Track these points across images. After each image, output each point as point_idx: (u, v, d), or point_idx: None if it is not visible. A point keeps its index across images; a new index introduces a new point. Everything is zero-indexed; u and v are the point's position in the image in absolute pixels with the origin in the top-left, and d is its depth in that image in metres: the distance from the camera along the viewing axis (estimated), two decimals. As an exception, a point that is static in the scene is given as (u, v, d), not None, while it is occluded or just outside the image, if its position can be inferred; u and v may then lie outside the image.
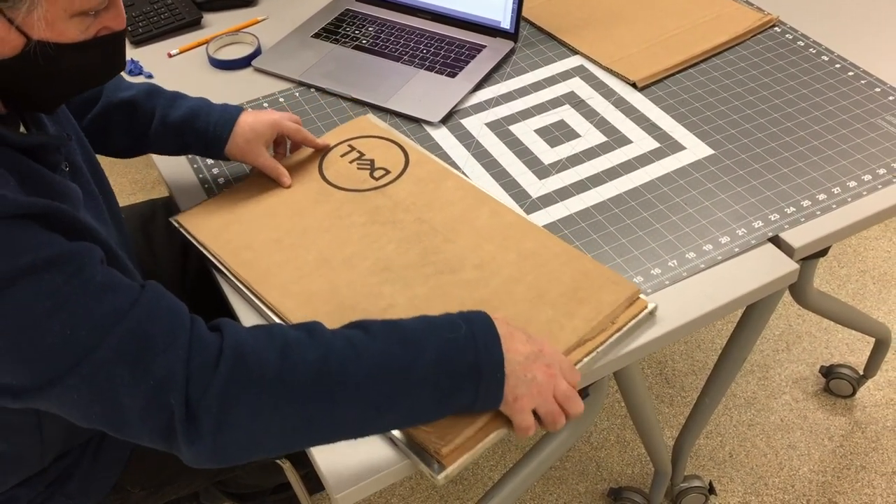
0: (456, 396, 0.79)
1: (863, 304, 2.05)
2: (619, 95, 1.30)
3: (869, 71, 1.31)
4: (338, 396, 0.75)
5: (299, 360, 0.75)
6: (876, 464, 1.74)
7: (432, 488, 1.74)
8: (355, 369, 0.76)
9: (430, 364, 0.78)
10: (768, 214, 1.09)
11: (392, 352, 0.78)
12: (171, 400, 0.72)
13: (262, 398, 0.74)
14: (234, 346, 0.75)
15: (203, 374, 0.73)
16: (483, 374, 0.79)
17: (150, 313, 0.74)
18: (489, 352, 0.80)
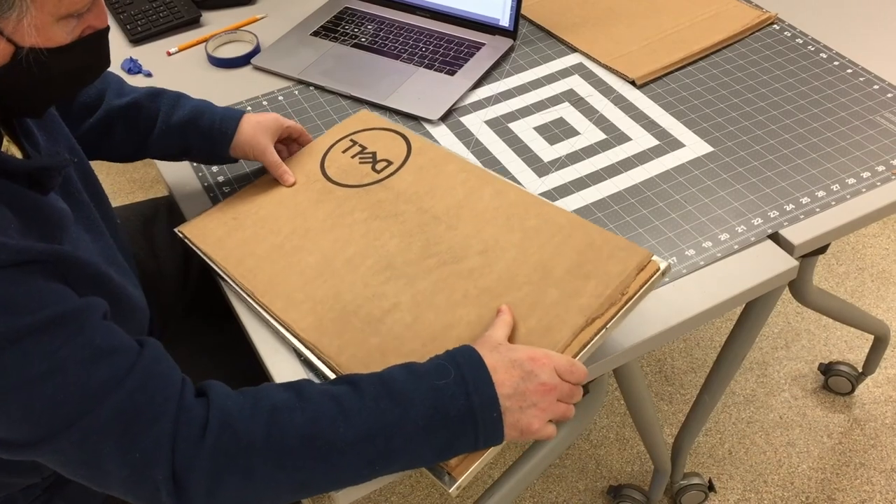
0: (455, 444, 0.78)
1: (861, 301, 2.05)
2: (618, 93, 1.30)
3: (868, 68, 1.31)
4: (330, 459, 0.75)
5: (288, 427, 0.75)
6: (875, 461, 1.74)
7: (432, 486, 1.74)
8: (345, 431, 0.75)
9: (422, 417, 0.76)
10: (768, 211, 1.09)
11: (381, 408, 0.76)
12: (157, 475, 0.72)
13: (251, 468, 0.74)
14: (219, 416, 0.74)
15: (189, 447, 0.73)
16: (478, 418, 0.77)
17: (144, 383, 0.74)
18: (480, 394, 0.78)
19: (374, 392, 0.78)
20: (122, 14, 1.51)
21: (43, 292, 0.72)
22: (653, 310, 0.98)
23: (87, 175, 0.97)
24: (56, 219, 0.80)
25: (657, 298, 0.99)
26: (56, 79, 0.79)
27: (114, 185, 2.50)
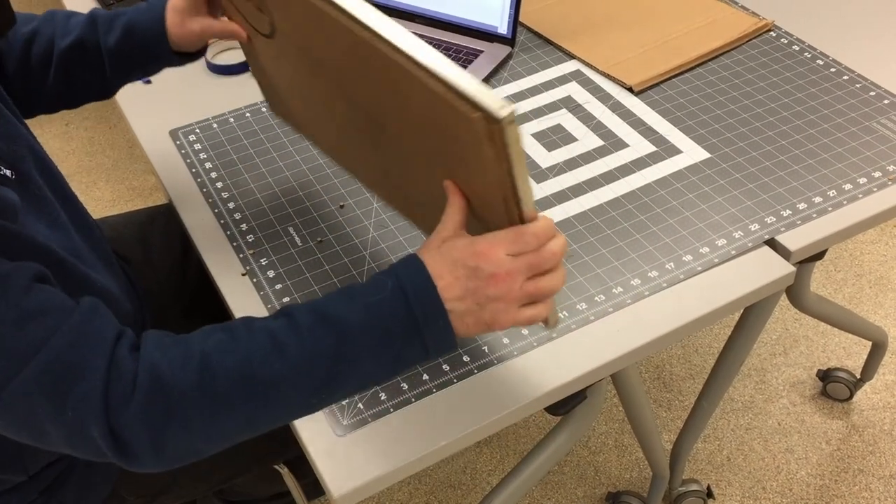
0: (403, 357, 0.75)
1: (859, 307, 2.05)
2: (615, 100, 1.31)
3: (864, 75, 1.32)
4: (269, 396, 0.73)
5: (219, 370, 0.73)
6: (873, 467, 1.74)
7: (430, 492, 1.74)
8: (280, 366, 0.73)
9: (361, 336, 0.74)
10: (764, 217, 1.09)
11: (315, 337, 0.74)
12: (92, 432, 0.71)
13: (188, 417, 0.72)
14: (148, 368, 0.72)
15: (121, 403, 0.71)
16: (423, 329, 0.74)
17: (73, 340, 0.72)
18: (422, 303, 0.73)
19: (307, 322, 0.75)
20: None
21: None
22: (650, 315, 0.98)
23: (51, 176, 0.95)
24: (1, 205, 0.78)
25: (655, 304, 0.99)
26: None
27: (113, 193, 2.51)
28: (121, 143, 2.67)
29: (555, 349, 0.95)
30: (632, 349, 0.95)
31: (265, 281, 1.04)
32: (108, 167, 2.59)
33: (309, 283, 1.03)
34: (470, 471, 1.77)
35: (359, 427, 0.88)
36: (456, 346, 0.77)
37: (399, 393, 0.91)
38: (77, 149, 2.64)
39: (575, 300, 1.00)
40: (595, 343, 0.96)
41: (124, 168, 2.59)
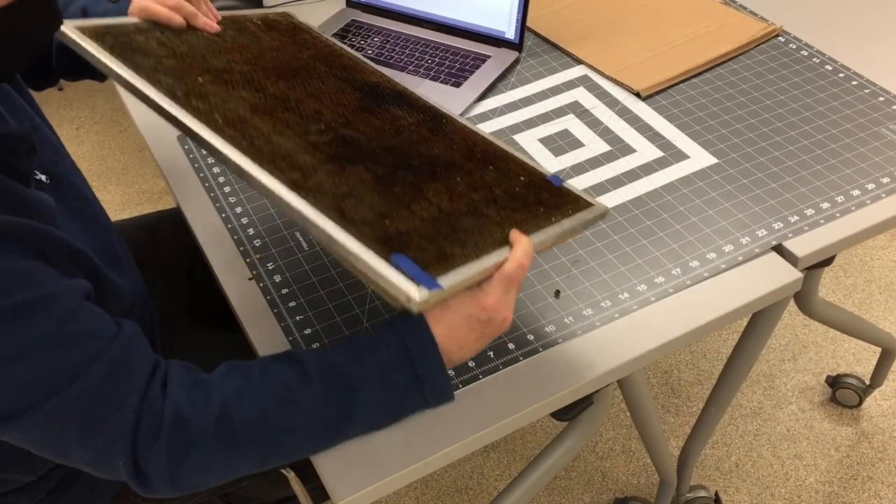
0: (405, 406, 0.85)
1: (869, 313, 2.04)
2: (622, 105, 1.31)
3: (873, 80, 1.31)
4: (283, 441, 0.80)
5: (237, 416, 0.78)
6: (883, 474, 1.73)
7: (438, 497, 1.74)
8: (294, 415, 0.79)
9: (369, 386, 0.81)
10: (772, 223, 1.09)
11: (329, 387, 0.81)
12: (117, 461, 0.75)
13: (207, 455, 0.77)
14: (173, 409, 0.77)
15: (148, 439, 0.76)
16: (423, 381, 0.82)
17: (112, 371, 0.75)
18: (424, 359, 0.81)
19: (321, 376, 0.81)
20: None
21: (15, 273, 0.71)
22: (657, 321, 0.98)
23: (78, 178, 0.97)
24: (36, 204, 0.80)
25: (662, 309, 0.99)
26: (6, 39, 0.77)
27: (123, 196, 2.52)
28: (131, 146, 2.69)
29: (561, 354, 0.95)
30: (638, 355, 0.95)
31: (271, 285, 1.04)
32: (119, 171, 2.60)
33: (315, 288, 1.04)
34: (477, 475, 1.77)
35: (364, 432, 0.88)
36: (453, 395, 0.86)
37: (404, 398, 0.91)
38: (88, 152, 2.65)
39: (581, 305, 1.00)
40: (601, 349, 0.95)
41: (134, 172, 2.60)
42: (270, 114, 0.85)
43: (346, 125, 0.89)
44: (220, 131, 0.79)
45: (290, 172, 0.77)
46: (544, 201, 0.89)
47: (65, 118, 2.77)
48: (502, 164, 0.94)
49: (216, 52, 0.95)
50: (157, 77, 0.84)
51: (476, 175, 0.89)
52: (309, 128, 0.86)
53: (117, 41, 0.89)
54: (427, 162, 0.88)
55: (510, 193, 0.88)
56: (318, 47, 1.07)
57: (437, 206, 0.82)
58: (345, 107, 0.93)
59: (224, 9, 1.55)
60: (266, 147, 0.80)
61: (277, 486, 1.24)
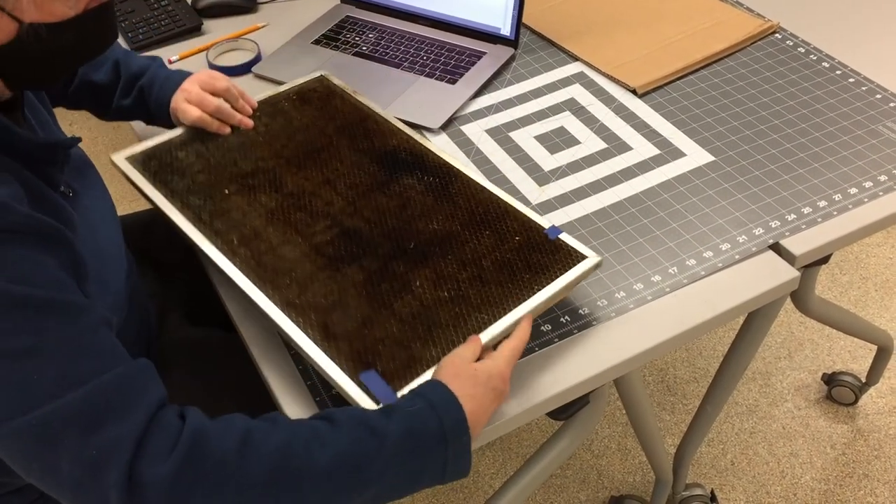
0: (427, 468, 0.79)
1: (865, 311, 2.04)
2: (619, 102, 1.30)
3: (870, 77, 1.31)
4: (302, 486, 0.73)
5: (262, 446, 0.73)
6: (878, 472, 1.73)
7: (433, 495, 1.73)
8: (320, 455, 0.74)
9: (396, 443, 0.77)
10: (769, 221, 1.08)
11: (358, 439, 0.76)
12: (108, 477, 0.69)
13: (220, 486, 0.71)
14: (193, 429, 0.72)
15: (158, 456, 0.70)
16: (449, 437, 0.79)
17: (120, 385, 0.72)
18: (450, 415, 0.79)
19: (349, 423, 0.77)
20: (123, 22, 1.52)
21: (48, 272, 0.73)
22: (654, 320, 0.97)
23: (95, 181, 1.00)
24: (64, 216, 0.81)
25: (659, 308, 0.99)
26: (60, 53, 0.80)
27: (116, 193, 2.50)
28: (124, 143, 2.67)
29: (558, 354, 0.94)
30: (635, 354, 0.94)
31: (266, 284, 1.03)
32: (111, 167, 2.59)
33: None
34: (472, 473, 1.76)
35: (359, 432, 0.88)
36: (469, 471, 0.82)
37: (399, 398, 0.91)
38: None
39: (577, 304, 0.99)
40: (598, 348, 0.95)
41: (128, 168, 2.58)
42: (284, 219, 1.01)
43: (353, 213, 1.02)
44: (234, 253, 0.96)
45: (288, 290, 0.92)
46: (534, 265, 0.96)
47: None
48: (501, 223, 1.01)
49: (247, 152, 1.11)
50: (187, 200, 1.02)
51: (469, 246, 0.98)
52: (316, 227, 1.00)
53: (161, 164, 1.07)
54: (423, 241, 0.99)
55: (499, 263, 0.96)
56: (346, 113, 1.19)
57: (420, 300, 0.92)
58: (356, 188, 1.06)
59: (217, 6, 1.55)
60: (272, 262, 0.95)
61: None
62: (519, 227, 1.00)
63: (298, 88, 1.23)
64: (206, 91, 1.13)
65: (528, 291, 0.93)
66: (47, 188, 0.80)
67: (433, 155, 1.11)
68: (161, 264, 1.24)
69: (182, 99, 1.13)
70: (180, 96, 1.13)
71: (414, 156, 1.11)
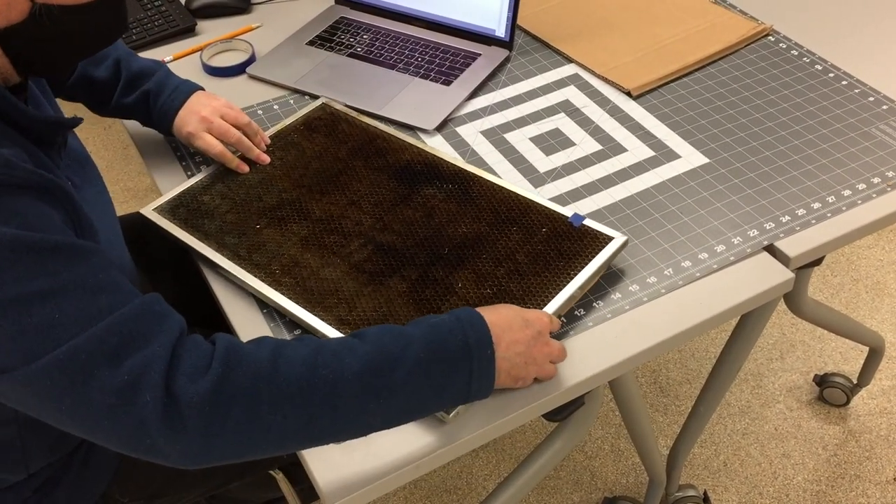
0: (450, 383, 0.81)
1: (856, 312, 2.05)
2: (613, 104, 1.30)
3: (863, 80, 1.31)
4: (336, 388, 0.76)
5: (293, 357, 0.76)
6: (870, 472, 1.74)
7: (426, 496, 1.73)
8: (350, 362, 0.77)
9: (423, 349, 0.79)
10: (763, 223, 1.09)
11: (384, 343, 0.79)
12: (144, 397, 0.70)
13: (257, 398, 0.73)
14: (227, 346, 0.76)
15: (194, 373, 0.73)
16: (473, 352, 0.81)
17: (141, 314, 0.74)
18: (475, 329, 0.82)
19: (376, 331, 0.81)
20: (116, 23, 1.51)
21: (54, 220, 0.75)
22: (648, 321, 0.98)
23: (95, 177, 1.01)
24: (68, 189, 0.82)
25: (653, 310, 0.99)
26: (71, 37, 0.81)
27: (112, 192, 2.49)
28: (115, 144, 2.66)
29: (553, 355, 0.94)
30: (630, 356, 0.95)
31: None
32: (103, 168, 2.58)
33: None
34: (466, 475, 1.76)
35: (355, 434, 0.88)
36: (492, 388, 0.84)
37: (396, 399, 0.91)
38: (72, 150, 2.63)
39: (572, 306, 0.99)
40: (593, 349, 0.95)
41: (119, 169, 2.58)
42: (318, 243, 1.04)
43: (383, 229, 1.05)
44: (279, 283, 0.99)
45: (338, 308, 0.96)
46: (565, 252, 1.01)
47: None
48: (525, 218, 1.06)
49: (268, 186, 1.13)
50: (223, 240, 1.05)
51: (500, 244, 1.03)
52: (351, 246, 1.03)
53: (189, 210, 1.10)
54: (456, 246, 1.03)
55: (532, 255, 1.01)
56: (355, 136, 1.21)
57: (465, 299, 0.96)
58: (381, 205, 1.09)
59: (211, 6, 1.54)
60: (317, 286, 0.98)
61: (266, 488, 1.23)
62: (543, 219, 1.05)
63: (304, 119, 1.25)
64: (228, 123, 1.16)
65: (566, 277, 0.97)
66: (53, 165, 0.82)
67: (447, 163, 1.15)
68: (154, 267, 1.24)
69: (204, 129, 1.15)
70: (201, 126, 1.15)
71: (428, 166, 1.14)
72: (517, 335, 0.86)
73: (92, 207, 0.91)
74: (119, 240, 0.99)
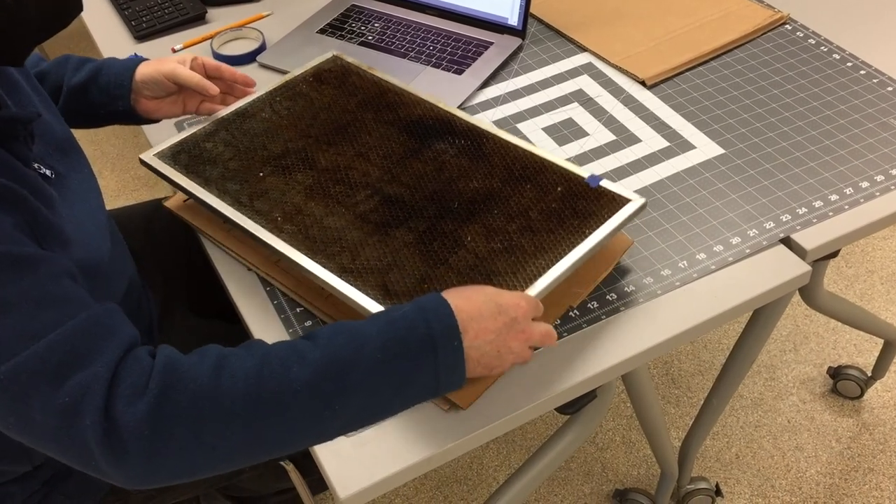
0: (414, 376, 0.76)
1: (871, 304, 2.03)
2: (627, 93, 1.29)
3: (881, 69, 1.29)
4: (284, 401, 0.71)
5: (237, 370, 0.71)
6: (884, 466, 1.73)
7: (437, 487, 1.73)
8: (299, 371, 0.72)
9: (379, 348, 0.74)
10: (780, 215, 1.07)
11: (336, 344, 0.74)
12: (83, 420, 0.68)
13: (200, 417, 0.69)
14: (165, 362, 0.71)
15: (132, 395, 0.69)
16: (438, 345, 0.76)
17: (86, 331, 0.71)
18: (440, 320, 0.76)
19: (328, 333, 0.75)
20: (126, 10, 1.50)
21: (3, 227, 0.71)
22: (663, 315, 0.97)
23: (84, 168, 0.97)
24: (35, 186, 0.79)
25: (667, 303, 0.98)
26: (21, 22, 0.77)
27: (118, 182, 2.50)
28: (126, 132, 2.66)
29: (566, 348, 0.94)
30: (643, 349, 0.94)
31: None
32: (114, 156, 2.58)
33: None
34: (476, 466, 1.76)
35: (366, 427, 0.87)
36: (464, 379, 0.79)
37: (407, 392, 0.90)
38: (81, 138, 2.63)
39: (586, 298, 0.98)
40: (607, 342, 0.94)
41: (130, 157, 2.57)
42: (323, 192, 1.00)
43: (391, 181, 1.01)
44: (280, 230, 0.95)
45: (341, 257, 0.92)
46: (580, 212, 0.96)
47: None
48: (540, 176, 1.01)
49: (274, 135, 1.09)
50: (224, 187, 1.01)
51: (513, 201, 0.98)
52: (357, 197, 0.99)
53: (191, 157, 1.06)
54: (467, 200, 0.98)
55: (546, 212, 0.96)
56: (365, 89, 1.17)
57: (475, 252, 0.92)
58: (390, 158, 1.05)
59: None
60: (319, 234, 0.95)
61: (276, 479, 1.23)
62: (558, 178, 1.00)
63: (314, 70, 1.21)
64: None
65: (580, 236, 0.93)
66: (16, 161, 0.78)
67: (460, 119, 1.10)
68: (164, 257, 1.23)
69: (176, 61, 1.10)
70: (171, 61, 1.10)
71: (441, 122, 1.10)
72: (488, 323, 0.79)
73: (74, 195, 0.89)
74: (101, 230, 0.94)
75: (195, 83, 1.09)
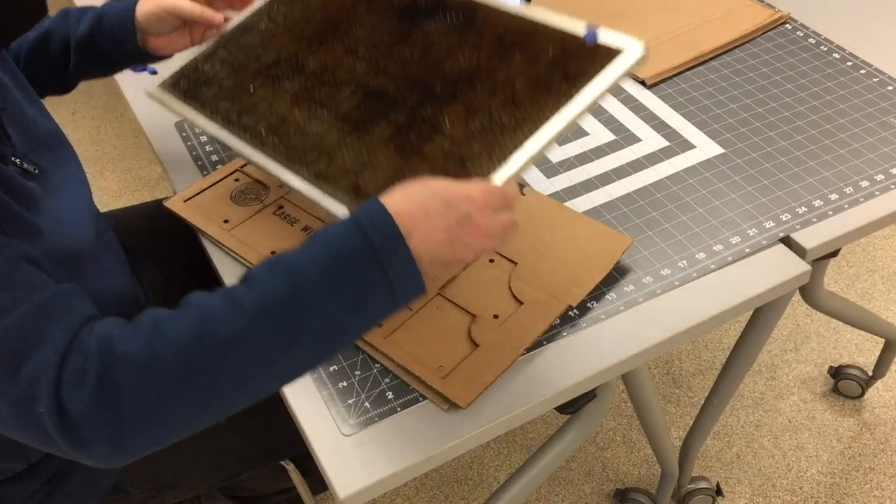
0: (366, 294, 0.71)
1: (872, 303, 2.03)
2: (627, 93, 1.29)
3: (881, 69, 1.29)
4: (226, 353, 0.68)
5: (172, 333, 0.68)
6: (885, 465, 1.73)
7: (437, 486, 1.73)
8: (236, 319, 0.68)
9: (319, 272, 0.70)
10: (779, 214, 1.07)
11: (273, 283, 0.70)
12: (39, 407, 0.66)
13: (145, 386, 0.67)
14: (98, 342, 0.68)
15: (76, 379, 0.66)
16: (381, 256, 0.70)
17: (39, 313, 0.69)
18: (377, 228, 0.71)
19: (263, 272, 0.71)
20: None
21: None
22: (663, 314, 0.97)
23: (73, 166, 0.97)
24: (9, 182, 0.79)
25: (667, 303, 0.98)
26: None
27: (119, 182, 2.50)
28: (127, 132, 2.66)
29: (566, 348, 0.94)
30: (643, 349, 0.94)
31: (271, 276, 1.02)
32: (115, 157, 2.58)
33: (316, 279, 1.02)
34: (477, 465, 1.76)
35: (365, 427, 0.87)
36: (423, 284, 0.73)
37: (407, 392, 0.90)
38: (83, 138, 2.63)
39: (586, 297, 0.98)
40: (606, 342, 0.94)
41: (131, 158, 2.58)
42: (308, 97, 0.97)
43: (376, 73, 0.96)
44: (262, 143, 0.94)
45: (317, 163, 0.90)
46: (570, 73, 0.85)
47: (60, 103, 2.74)
48: (531, 41, 0.90)
49: (268, 44, 1.06)
50: (216, 107, 1.01)
51: (500, 73, 0.89)
52: (341, 96, 0.96)
53: (190, 81, 1.05)
54: (451, 81, 0.91)
55: (533, 80, 0.86)
56: None
57: (451, 138, 0.86)
58: (378, 48, 0.99)
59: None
60: (300, 142, 0.93)
61: (276, 478, 1.23)
62: (551, 40, 0.89)
63: None
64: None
65: (566, 98, 0.83)
66: None
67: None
68: (164, 258, 1.23)
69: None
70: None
71: (435, 2, 1.01)
72: (435, 222, 0.73)
73: (58, 190, 0.88)
74: (83, 221, 0.92)
75: (198, 16, 1.05)
